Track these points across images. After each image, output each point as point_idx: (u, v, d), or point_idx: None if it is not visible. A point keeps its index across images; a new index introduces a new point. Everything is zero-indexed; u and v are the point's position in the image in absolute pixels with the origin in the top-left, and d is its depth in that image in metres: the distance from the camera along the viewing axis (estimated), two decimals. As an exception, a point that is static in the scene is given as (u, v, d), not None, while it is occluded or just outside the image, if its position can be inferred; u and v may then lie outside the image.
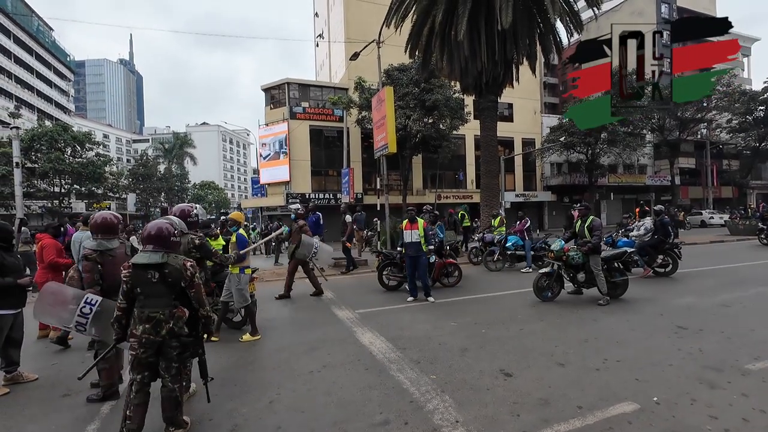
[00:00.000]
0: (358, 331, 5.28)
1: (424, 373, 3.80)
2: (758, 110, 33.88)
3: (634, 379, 3.58)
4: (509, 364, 3.99)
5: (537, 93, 35.00)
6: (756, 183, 41.16)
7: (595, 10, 12.52)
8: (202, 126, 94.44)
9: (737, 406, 3.08)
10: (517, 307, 6.36)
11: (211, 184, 65.69)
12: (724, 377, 3.58)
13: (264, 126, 28.80)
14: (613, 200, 35.58)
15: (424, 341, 4.78)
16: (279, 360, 4.33)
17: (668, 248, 8.72)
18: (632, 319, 5.50)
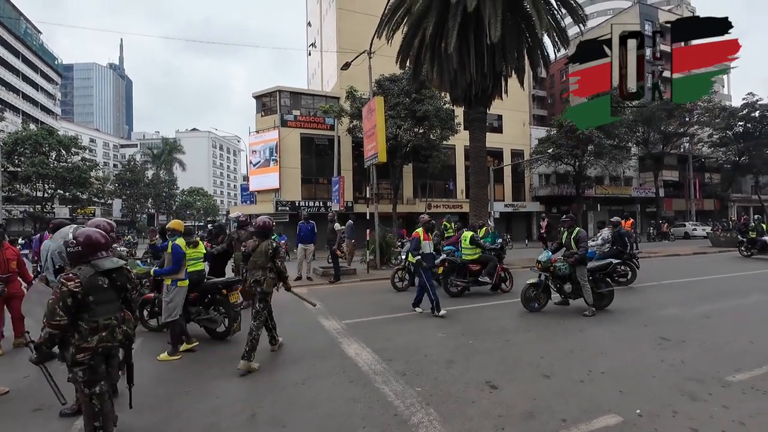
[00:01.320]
0: (344, 342, 5.22)
1: (409, 386, 3.76)
2: (737, 126, 35.01)
3: (618, 390, 3.59)
4: (495, 375, 3.97)
5: (526, 105, 35.62)
6: (737, 196, 42.26)
7: (581, 26, 12.85)
8: (192, 132, 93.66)
9: (717, 418, 3.11)
10: (504, 318, 6.36)
11: (199, 191, 64.98)
12: (706, 389, 3.61)
13: (254, 133, 28.70)
14: (600, 211, 36.15)
15: (411, 352, 4.74)
16: (262, 371, 4.25)
17: (626, 258, 8.97)
18: (617, 330, 5.55)
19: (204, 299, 5.51)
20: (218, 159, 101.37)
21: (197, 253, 5.51)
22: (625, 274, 9.13)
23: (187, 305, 5.40)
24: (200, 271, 5.47)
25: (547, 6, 12.30)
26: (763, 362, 4.22)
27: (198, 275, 5.41)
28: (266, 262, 4.55)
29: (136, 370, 2.96)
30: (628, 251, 9.06)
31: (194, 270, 5.36)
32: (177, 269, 4.78)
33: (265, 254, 4.54)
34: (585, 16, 12.79)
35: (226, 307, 5.38)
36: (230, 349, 5.05)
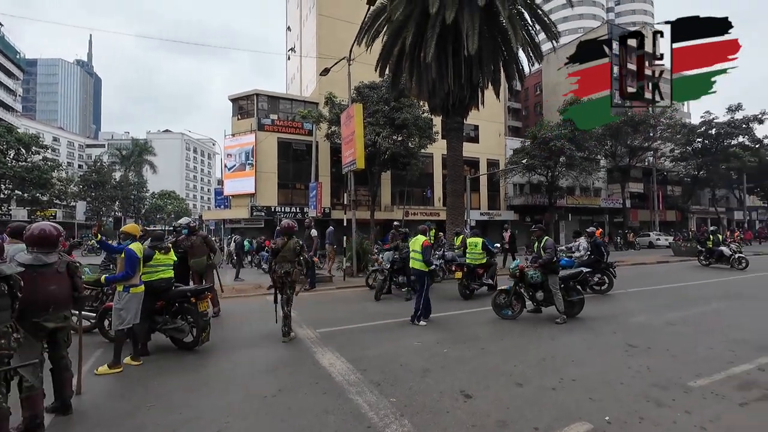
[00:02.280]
0: (318, 351, 5.10)
1: (383, 396, 3.70)
2: (696, 142, 37.22)
3: (588, 398, 3.66)
4: (470, 384, 3.97)
5: (501, 116, 36.59)
6: (696, 208, 44.74)
7: (554, 42, 13.35)
8: (164, 133, 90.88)
9: (681, 423, 3.21)
10: (479, 326, 6.41)
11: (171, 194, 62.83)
12: (670, 395, 3.73)
13: (230, 136, 28.11)
14: (571, 221, 37.38)
15: (386, 362, 4.68)
16: (232, 383, 4.09)
17: (604, 267, 9.26)
18: (587, 338, 5.69)
19: (171, 308, 5.28)
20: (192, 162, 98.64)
21: (168, 260, 5.29)
22: (602, 282, 9.37)
23: (153, 314, 5.16)
24: (169, 279, 5.24)
25: (522, 22, 12.73)
26: (721, 368, 4.41)
27: (166, 283, 5.19)
28: (294, 257, 5.68)
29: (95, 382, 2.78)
30: (605, 260, 9.29)
31: (163, 277, 5.14)
32: (130, 275, 4.49)
33: (293, 250, 5.68)
34: (558, 33, 13.30)
35: (195, 316, 5.16)
36: (198, 359, 4.85)
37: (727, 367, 4.46)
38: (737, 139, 36.36)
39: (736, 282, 11.42)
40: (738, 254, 14.38)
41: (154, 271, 5.08)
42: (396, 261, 8.81)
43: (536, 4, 12.97)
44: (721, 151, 35.73)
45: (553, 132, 27.60)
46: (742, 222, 44.24)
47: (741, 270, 13.83)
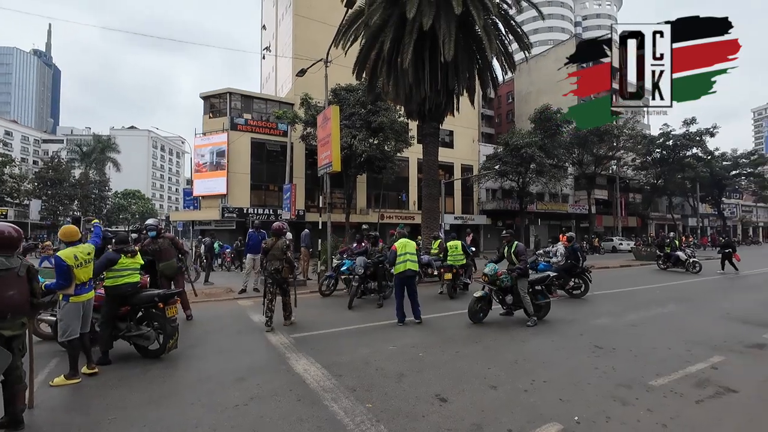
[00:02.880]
0: (292, 357, 5.00)
1: (359, 402, 3.67)
2: (655, 152, 39.47)
3: (558, 399, 3.77)
4: (445, 388, 4.00)
5: (476, 123, 37.42)
6: (655, 215, 47.32)
7: (526, 53, 13.81)
8: (129, 130, 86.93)
9: (644, 421, 3.36)
10: (453, 329, 6.49)
11: (136, 193, 60.07)
12: (633, 394, 3.90)
13: (201, 135, 27.26)
14: (540, 225, 38.68)
15: (362, 367, 4.65)
16: (201, 393, 3.93)
17: (580, 272, 9.54)
18: (557, 340, 5.87)
19: (137, 314, 5.03)
20: (159, 160, 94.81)
21: (135, 264, 5.05)
22: (578, 286, 9.58)
23: (116, 320, 4.91)
24: (135, 283, 5.00)
25: (496, 32, 13.08)
26: (678, 367, 4.66)
27: (132, 287, 4.94)
28: (282, 255, 6.44)
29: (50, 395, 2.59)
30: (581, 265, 9.53)
31: (129, 282, 4.90)
32: (63, 284, 4.10)
33: (281, 249, 6.45)
34: (530, 44, 13.77)
35: (162, 322, 4.93)
36: (164, 368, 4.63)
37: (684, 366, 4.71)
38: (692, 150, 38.84)
39: (690, 285, 12.14)
40: (692, 259, 15.30)
41: (118, 275, 4.83)
42: (369, 266, 8.61)
43: (510, 15, 13.39)
44: (677, 161, 38.03)
45: (524, 139, 28.48)
46: (696, 228, 47.21)
47: (695, 273, 14.71)
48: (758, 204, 59.69)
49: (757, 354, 5.30)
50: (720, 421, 3.40)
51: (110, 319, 4.82)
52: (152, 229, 6.97)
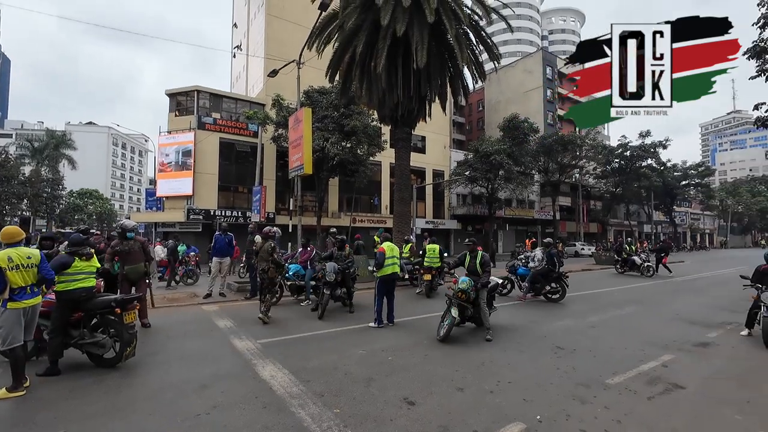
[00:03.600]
0: (259, 363, 4.87)
1: (327, 408, 3.63)
2: (614, 162, 41.72)
3: (522, 399, 3.89)
4: (413, 392, 4.03)
5: (447, 129, 38.13)
6: (614, 221, 49.89)
7: (495, 63, 14.24)
8: (88, 126, 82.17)
9: (601, 418, 3.52)
10: (423, 333, 6.54)
11: (93, 193, 56.71)
12: (591, 392, 4.09)
13: (166, 133, 26.18)
14: (508, 231, 39.84)
15: (330, 372, 4.60)
16: (160, 402, 3.75)
17: (556, 277, 9.66)
18: (521, 342, 6.05)
19: (91, 320, 4.74)
20: (120, 159, 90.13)
21: (90, 267, 4.77)
22: (555, 291, 9.69)
23: (69, 327, 4.61)
24: (90, 288, 4.72)
25: (468, 41, 13.42)
26: (633, 366, 4.93)
27: (87, 292, 4.66)
28: (268, 257, 7.19)
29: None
30: (557, 270, 9.54)
31: (84, 286, 4.63)
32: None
33: (267, 251, 7.23)
34: (499, 55, 14.21)
35: (119, 328, 4.67)
36: (120, 377, 4.39)
37: (638, 364, 4.99)
38: (647, 161, 41.36)
39: (644, 288, 12.86)
40: (647, 263, 16.24)
41: (72, 279, 4.55)
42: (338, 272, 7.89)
43: (480, 26, 13.78)
44: (633, 171, 40.36)
45: (494, 147, 29.31)
46: (650, 234, 50.16)
47: (649, 277, 15.62)
48: (705, 212, 64.30)
49: (702, 352, 5.69)
50: (669, 417, 3.62)
51: (61, 326, 4.52)
52: (131, 230, 6.63)
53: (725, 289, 12.22)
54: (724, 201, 60.83)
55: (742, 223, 67.83)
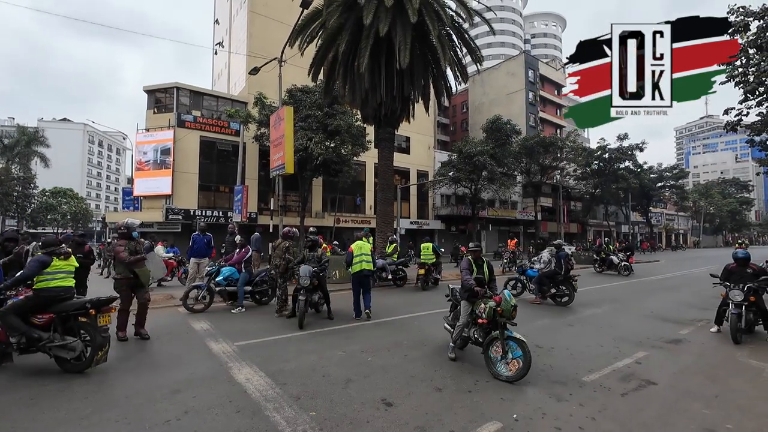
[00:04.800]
0: (234, 366, 4.76)
1: (303, 411, 3.56)
2: (594, 164, 42.73)
3: (500, 398, 3.90)
4: (391, 392, 3.99)
5: (431, 130, 38.33)
6: (593, 222, 51.09)
7: (478, 65, 14.38)
8: (62, 122, 79.38)
9: (576, 416, 3.56)
10: (402, 333, 6.52)
11: (67, 192, 54.74)
12: (568, 390, 4.13)
13: (144, 131, 25.50)
14: (491, 231, 40.31)
15: (308, 374, 4.52)
16: (127, 409, 3.60)
17: (562, 280, 9.22)
18: (501, 341, 6.08)
19: (65, 323, 4.52)
20: (96, 157, 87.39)
21: (68, 266, 4.61)
22: (561, 294, 9.32)
23: (36, 329, 4.39)
24: (69, 288, 4.58)
25: (451, 43, 13.49)
26: (608, 363, 5.02)
27: (66, 291, 4.52)
28: (283, 254, 7.84)
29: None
30: (563, 273, 9.20)
31: (62, 285, 4.49)
32: None
33: (282, 249, 7.90)
34: (481, 57, 14.34)
35: (92, 331, 4.47)
36: (88, 384, 4.20)
37: (613, 361, 5.09)
38: (624, 163, 42.52)
39: (621, 287, 13.19)
40: (624, 263, 16.66)
41: (51, 278, 4.43)
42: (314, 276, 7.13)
43: (463, 29, 13.88)
44: (612, 173, 41.42)
45: (477, 148, 29.62)
46: (628, 234, 51.59)
47: (626, 276, 16.03)
48: (679, 213, 66.54)
49: (673, 349, 5.84)
50: (640, 412, 3.69)
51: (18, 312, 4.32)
52: (135, 229, 6.23)
53: (697, 287, 12.64)
54: (697, 202, 63.11)
55: (714, 223, 70.45)
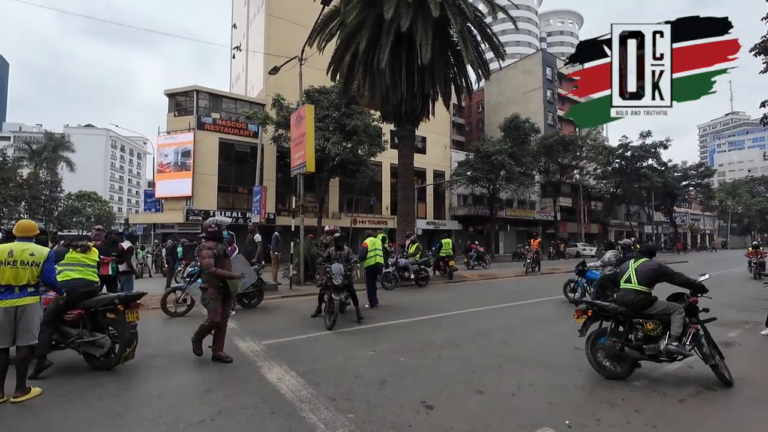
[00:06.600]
0: (264, 366, 4.63)
1: (340, 412, 3.38)
2: (615, 162, 41.61)
3: (548, 403, 3.64)
4: (430, 395, 3.78)
5: (447, 130, 38.00)
6: (614, 222, 49.73)
7: (499, 61, 14.07)
8: (86, 128, 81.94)
9: (634, 423, 3.28)
10: (431, 333, 6.31)
11: (91, 195, 56.37)
12: (618, 395, 3.84)
13: (165, 134, 25.96)
14: (509, 231, 39.62)
15: (340, 374, 4.36)
16: (160, 408, 3.50)
17: None
18: (538, 340, 5.81)
19: (93, 319, 4.47)
20: (118, 161, 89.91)
21: (87, 259, 4.56)
22: None
23: (64, 325, 4.35)
24: (89, 281, 4.50)
25: (473, 38, 13.22)
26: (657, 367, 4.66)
27: (85, 284, 4.45)
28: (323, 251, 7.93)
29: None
30: None
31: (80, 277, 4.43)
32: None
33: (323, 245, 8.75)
34: (504, 53, 14.00)
35: (120, 327, 4.41)
36: (117, 381, 4.12)
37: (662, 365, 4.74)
38: (647, 161, 41.27)
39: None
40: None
41: (69, 269, 4.41)
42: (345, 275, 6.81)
43: (485, 23, 13.59)
44: (634, 171, 40.26)
45: (495, 147, 29.15)
46: (651, 235, 50.05)
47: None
48: (705, 213, 64.23)
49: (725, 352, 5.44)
50: (704, 420, 3.40)
51: (52, 320, 4.27)
52: (225, 228, 5.14)
53: (730, 288, 12.04)
54: (723, 202, 60.80)
55: (742, 223, 67.77)
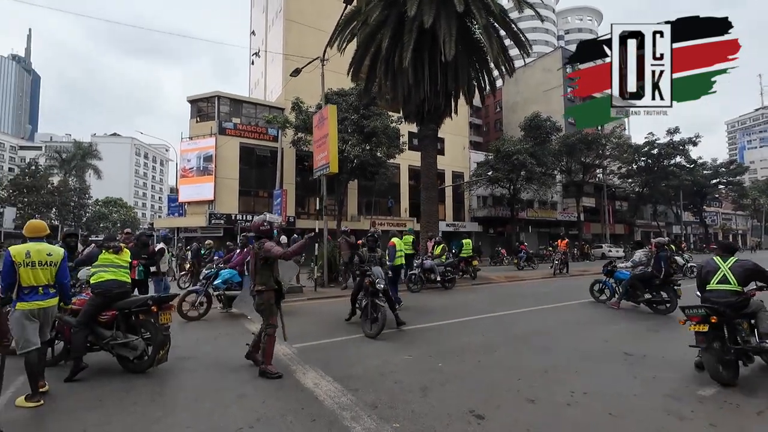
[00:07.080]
0: (298, 370, 4.46)
1: (384, 421, 3.17)
2: (640, 161, 40.20)
3: (608, 413, 3.35)
4: (477, 403, 3.53)
5: (466, 130, 37.50)
6: (640, 222, 48.03)
7: (524, 57, 13.68)
8: (112, 137, 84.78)
9: (712, 438, 2.96)
10: (465, 337, 6.05)
11: (117, 201, 58.19)
12: (686, 406, 3.51)
13: (187, 139, 26.46)
14: (531, 232, 38.71)
15: (378, 379, 4.15)
16: (198, 414, 3.37)
17: (659, 284, 7.92)
18: (581, 346, 5.46)
19: (127, 320, 4.42)
20: (142, 168, 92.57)
21: (119, 261, 4.50)
22: (659, 301, 7.91)
23: (99, 327, 4.30)
24: (121, 282, 4.43)
25: (497, 34, 12.89)
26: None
27: (118, 285, 4.38)
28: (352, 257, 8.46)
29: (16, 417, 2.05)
30: (663, 276, 7.81)
31: (113, 279, 4.36)
32: (3, 285, 3.56)
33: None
34: (530, 47, 13.54)
35: (153, 329, 4.34)
36: (151, 384, 4.03)
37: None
38: (675, 159, 39.68)
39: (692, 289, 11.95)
40: (690, 263, 15.26)
41: (102, 269, 4.35)
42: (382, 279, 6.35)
43: (510, 18, 13.25)
44: (661, 169, 38.75)
45: (515, 146, 28.55)
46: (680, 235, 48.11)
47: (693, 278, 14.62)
48: (737, 212, 61.43)
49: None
50: (793, 436, 3.03)
51: (88, 321, 4.22)
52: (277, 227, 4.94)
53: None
54: (757, 200, 58.01)
55: (777, 223, 64.53)
